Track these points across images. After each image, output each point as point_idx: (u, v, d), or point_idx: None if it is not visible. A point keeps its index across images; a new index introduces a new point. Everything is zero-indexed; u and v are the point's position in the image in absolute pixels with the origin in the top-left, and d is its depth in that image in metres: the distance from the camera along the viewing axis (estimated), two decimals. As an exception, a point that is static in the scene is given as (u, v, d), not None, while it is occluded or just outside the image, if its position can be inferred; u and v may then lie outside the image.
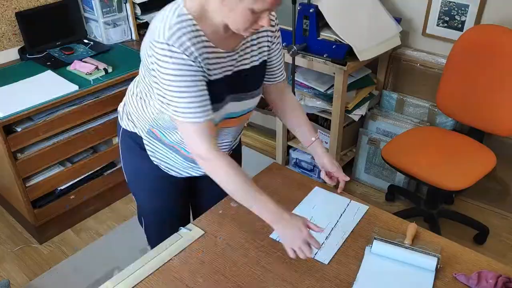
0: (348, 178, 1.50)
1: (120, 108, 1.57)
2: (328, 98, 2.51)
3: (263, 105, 3.20)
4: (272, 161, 2.33)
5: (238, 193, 1.26)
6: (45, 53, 2.63)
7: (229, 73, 1.29)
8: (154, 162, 1.49)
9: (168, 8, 1.21)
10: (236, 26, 1.17)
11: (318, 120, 2.79)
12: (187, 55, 1.16)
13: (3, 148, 2.14)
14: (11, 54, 2.62)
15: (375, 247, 1.34)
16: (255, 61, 1.36)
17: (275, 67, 1.47)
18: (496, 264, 1.30)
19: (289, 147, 2.95)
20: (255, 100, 1.44)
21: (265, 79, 1.47)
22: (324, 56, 2.30)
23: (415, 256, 1.30)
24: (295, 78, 2.59)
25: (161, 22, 1.18)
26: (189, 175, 1.53)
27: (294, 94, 2.56)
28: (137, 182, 1.60)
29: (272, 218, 1.25)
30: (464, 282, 1.25)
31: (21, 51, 2.62)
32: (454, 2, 2.40)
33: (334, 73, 2.36)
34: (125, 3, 2.79)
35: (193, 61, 1.17)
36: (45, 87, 2.29)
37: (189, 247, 1.39)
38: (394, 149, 2.32)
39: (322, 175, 1.52)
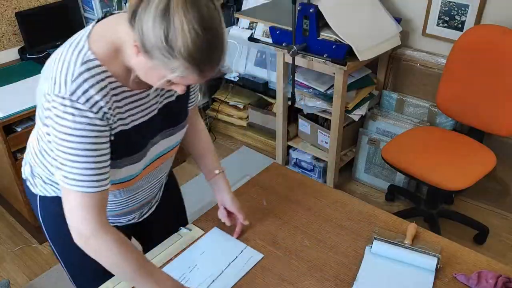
0: (247, 223, 1.40)
1: (26, 174, 1.31)
2: (328, 98, 2.51)
3: (263, 105, 3.20)
4: (272, 161, 2.33)
5: (127, 277, 1.13)
6: (45, 53, 2.63)
7: (155, 112, 1.15)
8: None
9: (68, 50, 1.01)
10: (151, 83, 1.00)
11: (318, 120, 2.79)
12: (94, 112, 0.98)
13: (3, 148, 2.14)
14: (11, 54, 2.62)
15: (375, 247, 1.34)
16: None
17: (193, 91, 1.33)
18: (496, 264, 1.30)
19: (289, 147, 2.95)
20: (183, 132, 1.29)
21: None
22: (324, 56, 2.30)
23: (415, 256, 1.30)
24: (295, 78, 2.59)
25: (62, 70, 0.98)
26: (131, 221, 1.40)
27: (294, 94, 2.56)
28: (71, 251, 1.17)
29: None
30: (464, 282, 1.25)
31: (21, 51, 2.62)
32: (454, 2, 2.40)
33: (334, 73, 2.36)
34: (125, 3, 2.79)
35: (101, 119, 1.00)
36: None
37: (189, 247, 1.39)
38: (394, 149, 2.32)
39: (220, 213, 1.42)
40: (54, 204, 1.22)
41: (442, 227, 2.38)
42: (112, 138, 1.06)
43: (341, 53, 2.26)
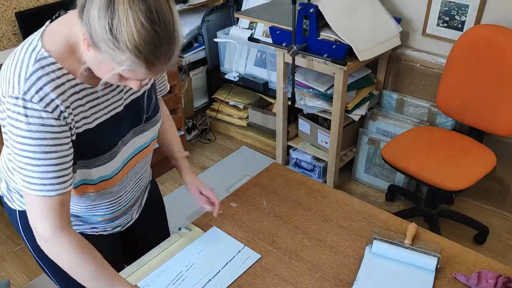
0: (216, 201, 1.40)
1: (2, 190, 1.27)
2: (328, 98, 2.51)
3: (263, 105, 3.20)
4: (272, 161, 2.33)
5: (87, 282, 1.08)
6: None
7: (120, 109, 1.11)
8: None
9: (21, 51, 0.98)
10: (102, 78, 0.96)
11: (318, 120, 2.79)
12: (49, 112, 0.95)
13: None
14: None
15: (375, 247, 1.34)
16: (146, 84, 1.12)
17: (161, 81, 1.31)
18: (496, 264, 1.30)
19: (289, 147, 2.95)
20: (157, 127, 1.26)
21: None
22: (324, 56, 2.30)
23: (415, 256, 1.30)
24: (295, 78, 2.59)
25: (15, 70, 0.95)
26: (116, 229, 1.37)
27: (294, 94, 2.56)
28: (58, 266, 1.13)
29: None
30: (464, 282, 1.25)
31: (21, 51, 2.62)
32: (454, 2, 2.40)
33: (334, 73, 2.36)
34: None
35: (57, 118, 0.96)
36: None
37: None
38: (394, 149, 2.32)
39: (200, 200, 1.43)
40: None
41: (442, 227, 2.38)
42: (74, 138, 1.02)
43: (341, 53, 2.26)
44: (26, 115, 0.94)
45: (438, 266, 1.28)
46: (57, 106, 0.96)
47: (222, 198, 1.58)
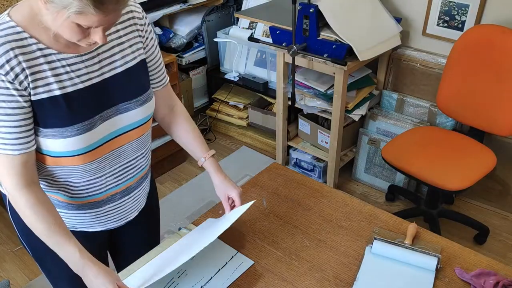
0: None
1: None
2: (328, 98, 2.51)
3: (263, 105, 3.20)
4: (272, 161, 2.34)
5: (43, 238, 1.10)
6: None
7: (96, 80, 1.09)
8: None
9: None
10: (66, 37, 0.97)
11: (318, 120, 2.79)
12: (3, 75, 0.95)
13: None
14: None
15: (375, 247, 1.33)
16: (129, 61, 1.15)
17: (155, 68, 1.26)
18: (496, 264, 1.30)
19: (289, 147, 2.95)
20: (147, 108, 1.21)
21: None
22: (324, 56, 2.30)
23: (415, 256, 1.30)
24: (295, 78, 2.59)
25: None
26: (104, 228, 1.33)
27: (294, 94, 2.56)
28: (44, 253, 1.22)
29: (76, 269, 1.10)
30: (463, 278, 1.25)
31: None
32: (454, 2, 2.40)
33: (334, 73, 2.36)
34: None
35: (12, 81, 0.97)
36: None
37: (189, 247, 1.39)
38: (394, 149, 2.32)
39: (224, 206, 1.36)
40: None
41: (442, 227, 2.38)
42: (34, 99, 1.01)
43: (341, 53, 2.26)
44: None
45: (438, 266, 1.28)
46: (12, 68, 0.97)
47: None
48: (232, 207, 1.38)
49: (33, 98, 1.02)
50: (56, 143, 1.07)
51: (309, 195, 1.58)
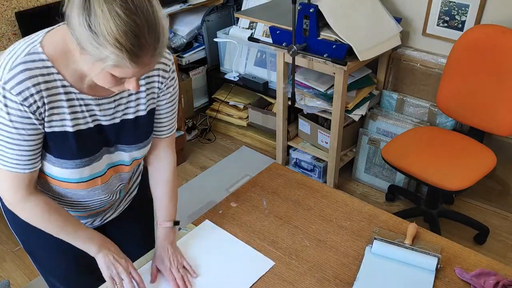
0: (194, 275, 1.28)
1: None
2: (328, 98, 2.51)
3: (263, 105, 3.20)
4: (272, 161, 2.34)
5: (57, 234, 1.17)
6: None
7: (106, 123, 1.12)
8: None
9: (23, 40, 1.01)
10: (99, 84, 0.98)
11: (318, 120, 2.79)
12: (26, 106, 0.97)
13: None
14: (11, 54, 2.61)
15: (375, 247, 1.33)
16: (141, 110, 1.17)
17: (162, 120, 1.26)
18: (496, 264, 1.30)
19: (289, 147, 2.95)
20: (145, 150, 1.25)
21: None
22: (324, 56, 2.30)
23: (415, 256, 1.30)
24: (295, 78, 2.59)
25: (7, 57, 0.98)
26: (93, 225, 1.37)
27: (294, 94, 2.56)
28: (39, 245, 1.31)
29: (94, 251, 1.19)
30: (463, 278, 1.25)
31: (21, 51, 2.61)
32: (454, 2, 2.40)
33: (334, 73, 2.36)
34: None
35: (33, 113, 0.99)
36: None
37: (189, 247, 1.39)
38: (394, 149, 2.32)
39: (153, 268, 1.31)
40: None
41: (442, 227, 2.38)
42: (48, 130, 1.04)
43: (341, 53, 2.26)
44: (6, 105, 0.97)
45: (438, 266, 1.28)
46: (35, 101, 0.98)
47: (222, 198, 1.58)
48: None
49: (46, 129, 1.05)
50: (55, 169, 1.12)
51: (309, 195, 1.58)
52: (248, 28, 3.11)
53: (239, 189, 1.62)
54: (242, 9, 3.18)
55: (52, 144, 1.07)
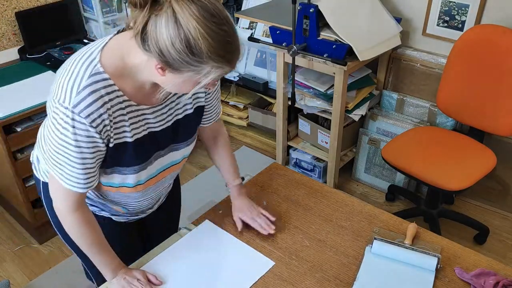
0: (273, 218, 1.44)
1: (33, 158, 1.36)
2: (328, 98, 2.51)
3: (263, 105, 3.20)
4: (272, 161, 2.33)
5: (84, 250, 1.24)
6: (45, 53, 2.63)
7: (157, 128, 1.17)
8: (97, 213, 1.37)
9: (81, 59, 1.02)
10: (175, 91, 1.06)
11: (318, 120, 2.79)
12: (93, 127, 1.01)
13: (3, 148, 2.14)
14: (11, 54, 2.61)
15: (375, 247, 1.33)
16: (188, 109, 1.24)
17: (211, 111, 1.36)
18: (496, 265, 1.30)
19: (289, 147, 2.95)
20: (191, 146, 1.34)
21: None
22: (324, 56, 2.30)
23: (415, 256, 1.30)
24: (295, 78, 2.59)
25: (70, 79, 1.00)
26: (137, 217, 1.45)
27: (294, 94, 2.56)
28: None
29: (110, 275, 1.26)
30: (463, 278, 1.25)
31: (21, 51, 2.62)
32: (454, 2, 2.40)
33: (334, 73, 2.36)
34: (125, 3, 2.79)
35: (99, 133, 1.03)
36: (45, 87, 2.29)
37: (189, 247, 1.39)
38: (394, 149, 2.32)
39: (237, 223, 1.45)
40: None
41: (442, 227, 2.38)
42: (111, 145, 1.09)
43: (341, 53, 2.26)
44: (73, 127, 1.00)
45: (438, 266, 1.28)
46: (103, 121, 1.02)
47: (222, 198, 1.58)
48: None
49: (110, 145, 1.09)
50: (113, 177, 1.18)
51: (309, 195, 1.58)
52: (248, 28, 3.11)
53: (239, 189, 1.62)
54: (242, 9, 3.18)
55: (111, 156, 1.11)
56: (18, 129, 2.17)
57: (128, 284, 1.24)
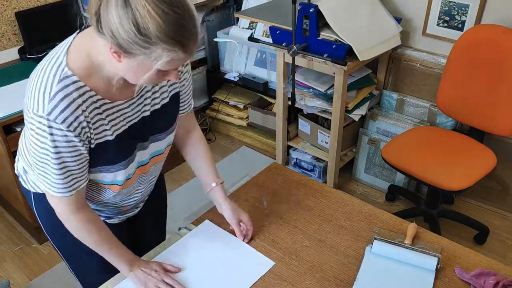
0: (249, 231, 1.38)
1: (19, 170, 1.34)
2: (328, 98, 2.51)
3: (263, 105, 3.20)
4: (272, 161, 2.33)
5: (95, 248, 1.24)
6: (45, 53, 2.60)
7: (136, 120, 1.16)
8: None
9: (48, 66, 1.01)
10: (143, 84, 1.01)
11: (318, 120, 2.79)
12: (71, 131, 1.00)
13: (3, 148, 2.14)
14: (11, 54, 2.61)
15: (375, 247, 1.33)
16: (165, 98, 1.22)
17: (184, 98, 1.32)
18: (496, 265, 1.30)
19: (289, 147, 2.95)
20: (172, 136, 1.31)
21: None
22: (324, 56, 2.30)
23: (415, 256, 1.30)
24: (295, 78, 2.59)
25: (40, 87, 0.98)
26: (127, 215, 1.44)
27: (294, 94, 2.56)
28: (71, 246, 1.31)
29: (126, 268, 1.26)
30: (463, 278, 1.25)
31: (21, 51, 2.62)
32: (454, 2, 2.40)
33: (334, 73, 2.36)
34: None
35: (77, 135, 1.02)
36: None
37: (189, 247, 1.39)
38: (394, 149, 2.32)
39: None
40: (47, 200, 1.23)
41: (442, 227, 2.38)
42: (93, 146, 1.08)
43: (341, 53, 2.26)
44: (51, 134, 0.99)
45: (438, 266, 1.28)
46: (80, 123, 1.01)
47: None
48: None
49: (92, 146, 1.08)
50: (102, 175, 1.17)
51: (309, 195, 1.58)
52: (248, 28, 3.11)
53: (239, 189, 1.62)
54: (242, 9, 3.17)
55: (95, 156, 1.10)
56: (18, 129, 2.17)
57: (145, 276, 1.24)
